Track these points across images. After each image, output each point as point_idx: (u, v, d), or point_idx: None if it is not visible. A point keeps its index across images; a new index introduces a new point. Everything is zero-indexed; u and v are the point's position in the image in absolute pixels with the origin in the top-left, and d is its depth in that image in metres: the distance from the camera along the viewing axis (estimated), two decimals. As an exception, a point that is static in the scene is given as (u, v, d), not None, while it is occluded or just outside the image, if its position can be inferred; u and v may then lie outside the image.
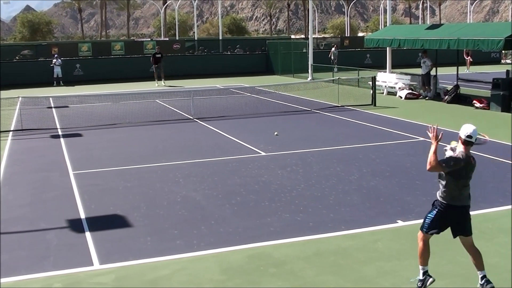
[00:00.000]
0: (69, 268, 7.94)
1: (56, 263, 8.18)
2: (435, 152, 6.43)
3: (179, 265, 7.98)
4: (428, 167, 6.48)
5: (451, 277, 7.27)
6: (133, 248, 8.66)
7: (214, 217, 10.00)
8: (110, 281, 7.58)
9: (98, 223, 9.87)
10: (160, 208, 10.59)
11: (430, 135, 6.61)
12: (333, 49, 43.47)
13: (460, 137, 6.63)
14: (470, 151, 6.63)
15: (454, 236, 6.90)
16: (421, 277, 6.91)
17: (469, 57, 39.76)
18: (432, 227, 6.82)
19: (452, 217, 6.77)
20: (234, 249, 8.52)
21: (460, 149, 6.63)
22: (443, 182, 6.68)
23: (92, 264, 8.10)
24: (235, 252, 8.43)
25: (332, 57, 42.37)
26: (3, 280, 7.63)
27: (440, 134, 6.57)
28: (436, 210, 6.80)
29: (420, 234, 6.94)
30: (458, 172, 6.57)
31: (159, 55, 34.96)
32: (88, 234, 9.31)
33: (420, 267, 6.92)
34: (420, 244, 6.90)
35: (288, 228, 9.38)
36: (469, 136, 6.55)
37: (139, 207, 10.66)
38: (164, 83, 34.65)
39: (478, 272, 6.85)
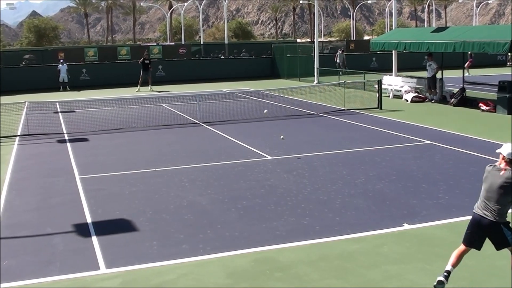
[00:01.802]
0: (75, 273, 7.97)
1: (62, 267, 8.21)
2: None
3: (185, 270, 8.00)
4: None
5: (458, 280, 7.25)
6: (139, 252, 8.68)
7: (220, 221, 10.01)
8: (117, 285, 7.61)
9: (105, 228, 9.90)
10: (166, 213, 10.61)
11: None
12: (340, 52, 43.45)
13: (503, 156, 6.79)
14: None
15: (497, 249, 6.98)
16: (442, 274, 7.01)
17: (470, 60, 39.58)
18: (465, 238, 6.99)
19: (479, 228, 6.86)
20: (239, 253, 8.53)
21: (496, 164, 6.90)
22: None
23: (98, 269, 8.12)
24: (240, 256, 8.44)
25: (338, 61, 42.32)
26: (10, 285, 7.67)
27: None
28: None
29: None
30: (486, 182, 6.82)
31: (147, 61, 34.72)
32: (94, 239, 9.34)
33: (448, 265, 7.02)
34: (459, 248, 7.04)
35: (294, 232, 9.38)
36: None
37: (145, 212, 10.68)
38: (151, 89, 34.47)
39: None
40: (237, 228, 9.65)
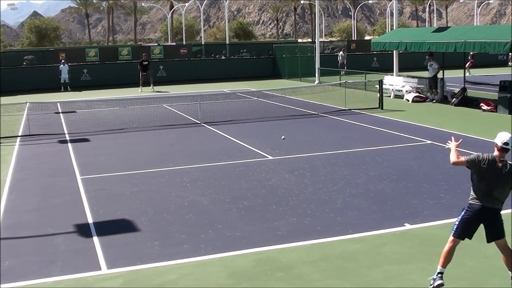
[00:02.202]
0: (77, 273, 7.97)
1: (64, 267, 8.21)
2: (455, 150, 7.07)
3: (186, 270, 8.00)
4: (452, 160, 7.10)
5: (458, 280, 7.26)
6: (140, 252, 8.68)
7: (221, 221, 10.02)
8: (118, 285, 7.61)
9: (106, 228, 9.90)
10: (167, 213, 10.61)
11: (451, 143, 7.18)
12: (341, 52, 43.45)
13: (496, 144, 6.83)
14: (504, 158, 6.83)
15: (489, 241, 6.98)
16: (434, 276, 6.97)
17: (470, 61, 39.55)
18: (459, 230, 6.93)
19: (479, 218, 6.86)
20: (241, 253, 8.54)
21: (491, 154, 6.87)
22: (471, 183, 6.94)
23: (100, 269, 8.13)
24: (242, 256, 8.44)
25: (340, 61, 42.30)
26: (12, 285, 7.67)
27: (459, 141, 7.16)
28: (464, 211, 6.96)
29: (450, 237, 7.02)
30: (480, 173, 6.83)
31: (146, 63, 34.76)
32: (95, 239, 9.35)
33: (438, 267, 6.98)
34: (447, 246, 6.99)
35: (295, 232, 9.38)
36: (506, 143, 6.75)
37: (147, 212, 10.68)
38: (152, 89, 34.54)
39: (510, 272, 7.04)
40: (238, 228, 9.65)
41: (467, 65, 39.24)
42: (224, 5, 60.85)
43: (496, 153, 6.84)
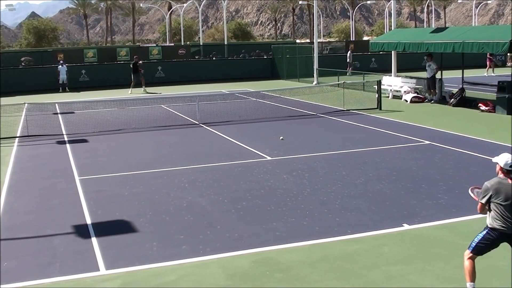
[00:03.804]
0: (75, 274, 7.97)
1: (62, 269, 8.20)
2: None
3: (185, 271, 7.99)
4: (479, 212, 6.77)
5: (458, 281, 7.25)
6: (139, 253, 8.67)
7: (220, 222, 10.01)
8: (117, 286, 7.60)
9: (104, 229, 9.88)
10: (166, 214, 10.60)
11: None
12: (349, 52, 43.43)
13: (501, 167, 6.62)
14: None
15: None
16: None
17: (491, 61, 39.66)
18: (479, 249, 6.77)
19: (501, 241, 6.71)
20: (240, 254, 8.53)
21: (496, 177, 6.67)
22: (496, 210, 6.67)
23: (98, 270, 8.12)
24: (241, 257, 8.44)
25: (349, 60, 42.26)
26: (11, 286, 7.66)
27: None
28: (486, 232, 6.74)
29: (467, 253, 6.84)
30: (496, 200, 6.57)
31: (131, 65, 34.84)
32: (94, 240, 9.34)
33: (467, 283, 6.83)
34: (466, 263, 6.82)
35: (294, 232, 9.38)
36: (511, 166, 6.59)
37: (145, 213, 10.67)
38: (144, 90, 34.58)
39: None
40: (237, 229, 9.64)
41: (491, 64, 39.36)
42: (222, 6, 60.82)
43: (501, 175, 6.63)
